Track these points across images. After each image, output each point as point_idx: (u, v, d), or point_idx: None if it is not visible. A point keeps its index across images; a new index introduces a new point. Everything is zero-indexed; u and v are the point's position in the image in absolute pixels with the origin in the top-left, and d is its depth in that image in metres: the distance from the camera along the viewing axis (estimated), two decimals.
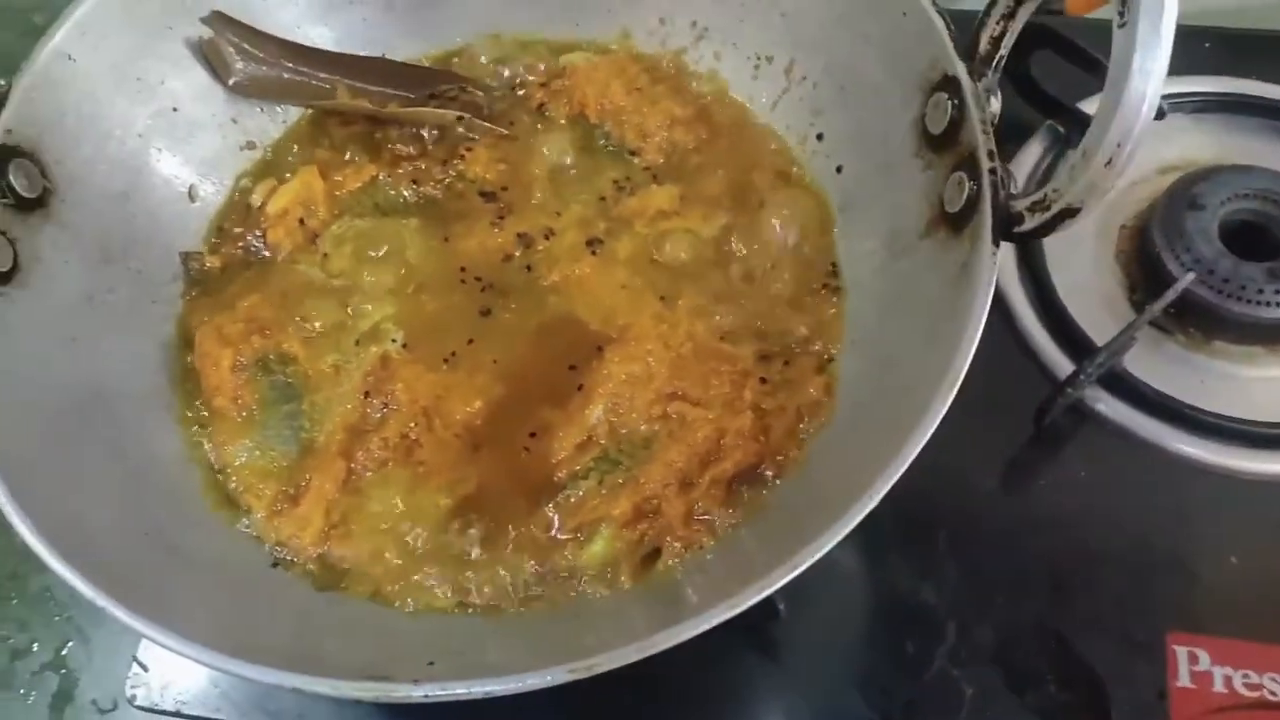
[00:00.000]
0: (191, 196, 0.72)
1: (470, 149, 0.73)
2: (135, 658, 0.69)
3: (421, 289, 0.68)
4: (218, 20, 0.71)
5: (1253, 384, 0.74)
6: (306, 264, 0.70)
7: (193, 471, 0.62)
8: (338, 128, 0.76)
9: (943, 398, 0.49)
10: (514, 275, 0.69)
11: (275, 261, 0.70)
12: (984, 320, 0.51)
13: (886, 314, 0.62)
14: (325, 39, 0.76)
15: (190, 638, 0.45)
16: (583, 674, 0.44)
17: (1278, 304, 0.72)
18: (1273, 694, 0.62)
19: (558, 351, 0.65)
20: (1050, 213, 0.51)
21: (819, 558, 0.46)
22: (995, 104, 0.58)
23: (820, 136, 0.71)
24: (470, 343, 0.66)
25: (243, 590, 0.57)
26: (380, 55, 0.77)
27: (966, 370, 0.49)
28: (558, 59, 0.78)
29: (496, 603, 0.58)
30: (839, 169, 0.70)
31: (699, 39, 0.77)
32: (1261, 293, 0.72)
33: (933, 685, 0.65)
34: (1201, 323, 0.75)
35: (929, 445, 0.48)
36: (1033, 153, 0.83)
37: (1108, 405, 0.73)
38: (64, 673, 0.71)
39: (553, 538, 0.59)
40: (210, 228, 0.72)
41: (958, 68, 0.58)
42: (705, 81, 0.77)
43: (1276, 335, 0.74)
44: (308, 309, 0.67)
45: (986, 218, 0.53)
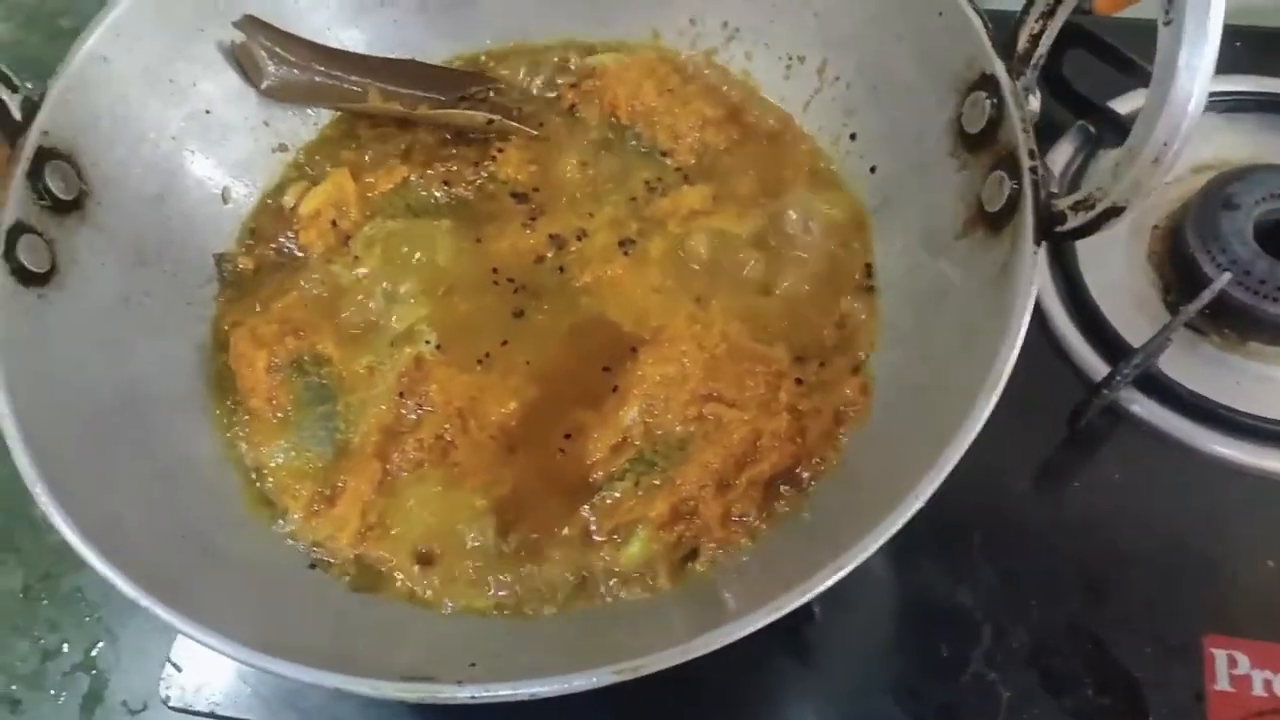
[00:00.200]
0: (224, 199, 0.72)
1: (501, 150, 0.73)
2: (169, 658, 0.69)
3: (454, 290, 0.68)
4: (250, 24, 0.71)
5: None
6: (339, 265, 0.70)
7: (229, 473, 0.63)
8: (368, 130, 0.76)
9: (986, 399, 0.48)
10: (546, 276, 0.69)
11: (308, 263, 0.70)
12: (1027, 320, 0.50)
13: (922, 314, 0.62)
14: (356, 42, 0.77)
15: (235, 638, 0.45)
16: (629, 675, 0.44)
17: None
18: None
19: (591, 353, 0.65)
20: (1094, 212, 0.50)
21: (863, 560, 0.46)
22: (1034, 103, 0.57)
23: (854, 136, 0.71)
24: (504, 344, 0.66)
25: (280, 591, 0.57)
26: (411, 58, 0.77)
27: (1010, 372, 0.49)
28: (587, 60, 0.78)
29: (534, 604, 0.57)
30: (873, 169, 0.69)
31: (730, 39, 0.77)
32: None
33: (968, 688, 0.65)
34: (1237, 324, 0.74)
35: None
36: (1063, 152, 0.83)
37: (1142, 406, 0.73)
38: (94, 673, 0.71)
39: (590, 539, 0.59)
40: (243, 229, 0.72)
41: (997, 66, 0.57)
42: (736, 83, 0.76)
43: None
44: (341, 310, 0.67)
45: (1028, 217, 0.53)
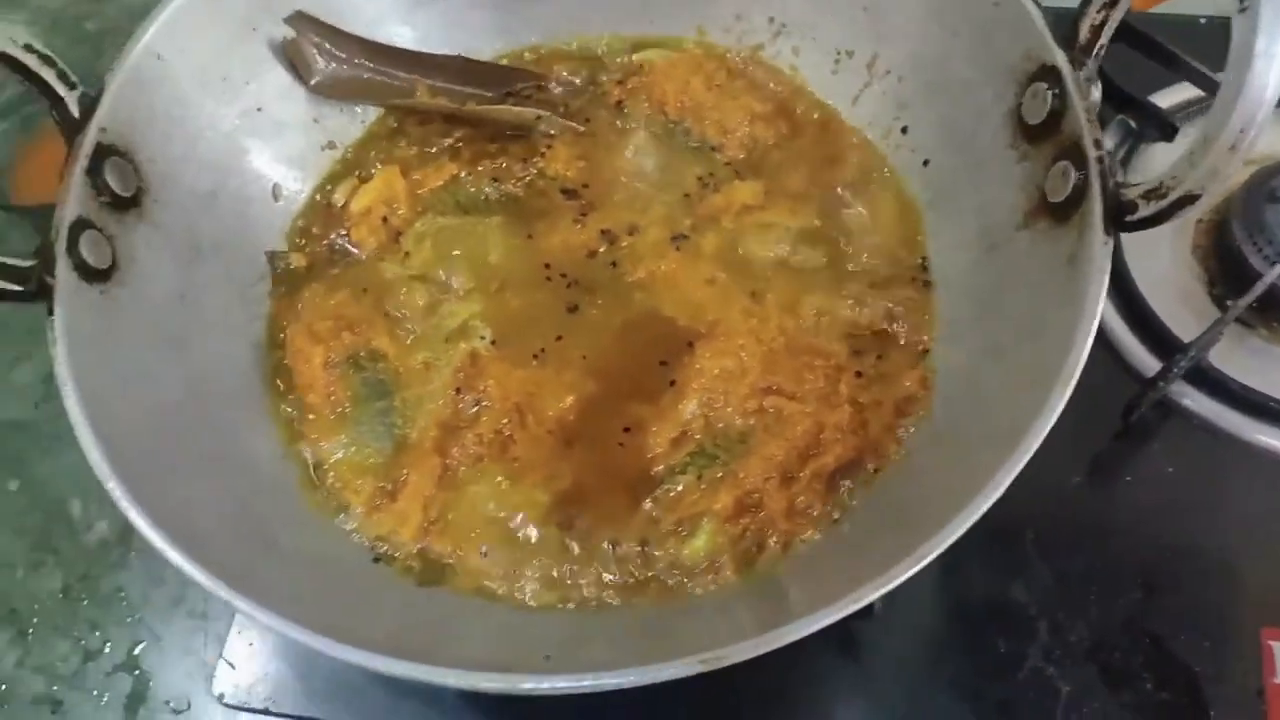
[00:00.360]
0: (275, 196, 0.72)
1: (550, 147, 0.73)
2: (221, 656, 0.69)
3: (507, 286, 0.68)
4: (300, 20, 0.71)
5: None
6: (391, 262, 0.70)
7: (290, 468, 0.63)
8: (415, 127, 0.76)
9: (1062, 389, 0.48)
10: (599, 272, 0.69)
11: (360, 260, 0.70)
12: (1100, 310, 0.50)
13: (982, 307, 0.62)
14: (405, 38, 0.77)
15: (318, 630, 0.44)
16: (712, 665, 0.44)
17: None
18: None
19: (647, 347, 0.65)
20: (1168, 200, 0.50)
21: (941, 552, 0.46)
22: (1096, 93, 0.57)
23: (905, 130, 0.71)
24: (558, 339, 0.66)
25: (347, 584, 0.57)
26: (458, 54, 0.77)
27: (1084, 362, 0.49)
28: (634, 57, 0.78)
29: (601, 597, 0.57)
30: (925, 162, 0.69)
31: (777, 34, 0.76)
32: None
33: (1027, 684, 0.65)
34: None
35: None
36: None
37: (1193, 400, 0.73)
38: (137, 674, 0.71)
39: (654, 532, 0.58)
40: (293, 227, 0.72)
41: (1058, 57, 0.57)
42: (783, 78, 0.76)
43: None
44: (394, 306, 0.67)
45: (1096, 206, 0.53)
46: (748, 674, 0.45)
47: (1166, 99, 0.83)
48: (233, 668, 0.69)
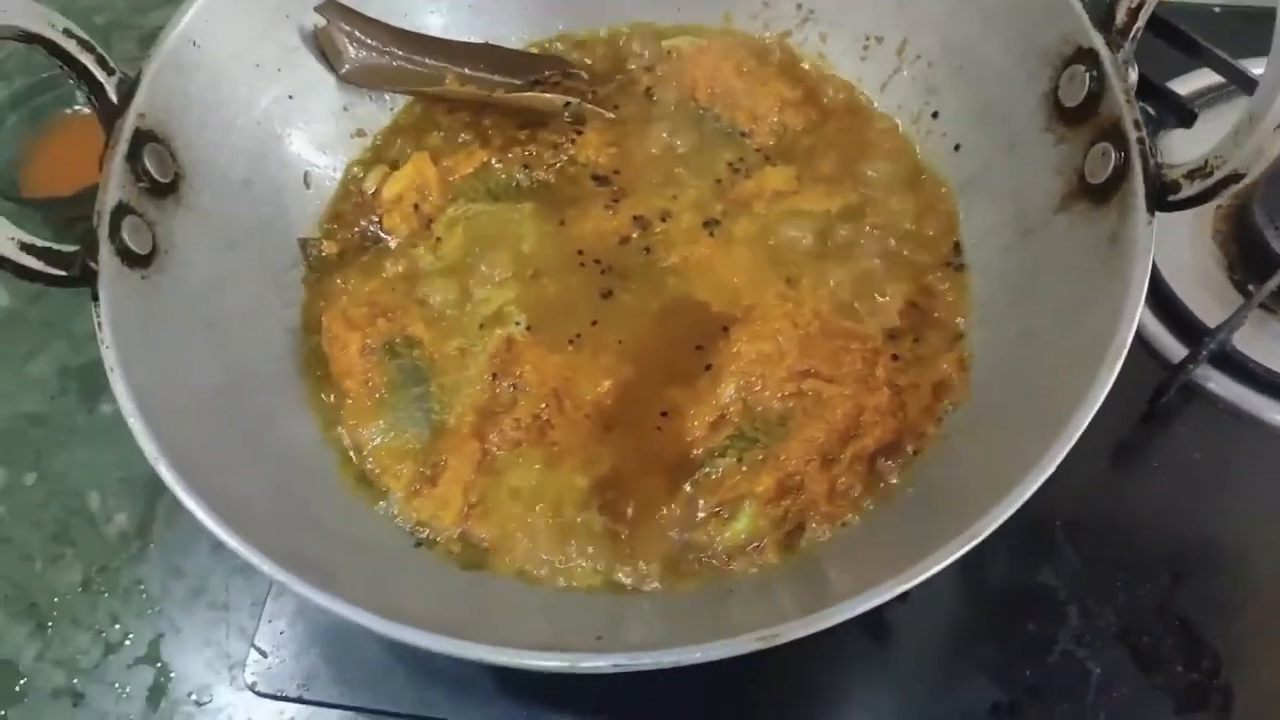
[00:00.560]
0: (306, 183, 0.72)
1: (580, 133, 0.73)
2: (253, 644, 0.69)
3: (541, 272, 0.68)
4: (331, 8, 0.71)
5: None
6: (423, 249, 0.70)
7: (328, 454, 0.63)
8: (444, 115, 0.76)
9: (1110, 368, 0.49)
10: (632, 257, 0.69)
11: (391, 247, 0.70)
12: (1145, 290, 0.51)
13: (1018, 290, 0.62)
14: (434, 26, 0.77)
15: (398, 617, 0.44)
16: (770, 643, 0.44)
17: None
18: None
19: (682, 332, 0.65)
20: (1213, 179, 0.50)
21: (986, 536, 0.46)
22: (1133, 75, 0.58)
23: (935, 115, 0.71)
24: (593, 324, 0.66)
25: (393, 568, 0.57)
26: (486, 42, 0.77)
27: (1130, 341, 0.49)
28: (661, 44, 0.78)
29: (644, 580, 0.57)
30: (957, 147, 0.70)
31: (804, 21, 0.77)
32: None
33: (1058, 667, 0.65)
34: None
35: None
36: None
37: (1218, 384, 0.73)
38: (158, 666, 0.71)
39: (695, 515, 0.59)
40: (325, 214, 0.72)
41: (1096, 40, 0.58)
42: (811, 64, 0.76)
43: None
44: (428, 293, 0.68)
45: (1138, 186, 0.53)
46: (771, 655, 0.44)
47: (1186, 85, 0.83)
48: (264, 656, 0.68)
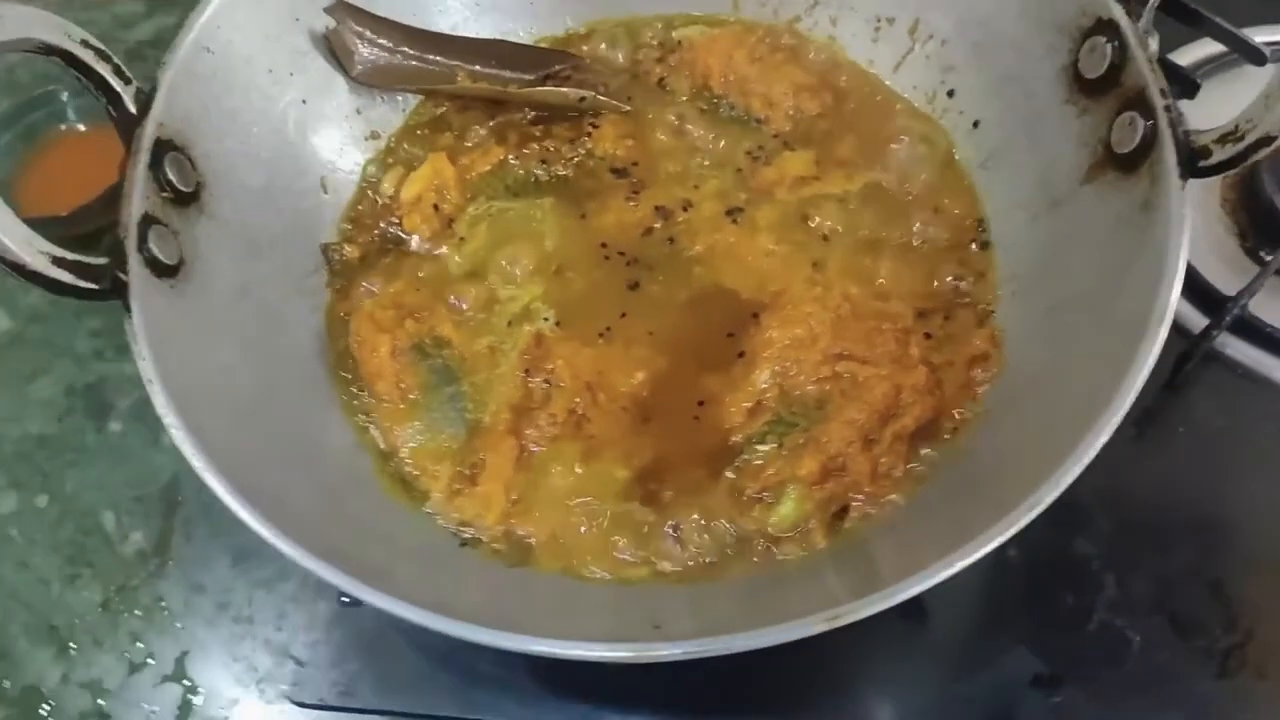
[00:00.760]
0: (324, 188, 0.71)
1: (596, 126, 0.73)
2: (289, 654, 0.68)
3: (566, 267, 0.68)
4: (341, 9, 0.70)
5: None
6: (446, 248, 0.70)
7: (364, 458, 0.62)
8: (457, 114, 0.75)
9: (1155, 331, 0.49)
10: (656, 248, 0.69)
11: (413, 248, 0.70)
12: (1184, 256, 0.51)
13: (1048, 263, 0.62)
14: (442, 24, 0.76)
15: (457, 615, 0.44)
16: (835, 624, 0.44)
17: None
18: None
19: (712, 320, 0.65)
20: (1245, 143, 0.51)
21: (1036, 515, 0.46)
22: (1153, 43, 0.58)
23: (951, 94, 0.71)
24: (623, 316, 0.66)
25: (440, 569, 0.56)
26: (496, 38, 0.76)
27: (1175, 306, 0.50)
28: (672, 34, 0.77)
29: (689, 568, 0.57)
30: (975, 124, 0.70)
31: (813, 6, 0.77)
32: None
33: (1097, 635, 0.66)
34: None
35: None
36: None
37: (1236, 350, 0.74)
38: (185, 683, 0.70)
39: (739, 501, 0.59)
40: (343, 218, 0.72)
41: (1116, 11, 0.58)
42: (822, 48, 0.76)
43: None
44: (453, 292, 0.67)
45: (1169, 153, 0.53)
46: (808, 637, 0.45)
47: (1186, 56, 0.84)
48: (301, 665, 0.68)
